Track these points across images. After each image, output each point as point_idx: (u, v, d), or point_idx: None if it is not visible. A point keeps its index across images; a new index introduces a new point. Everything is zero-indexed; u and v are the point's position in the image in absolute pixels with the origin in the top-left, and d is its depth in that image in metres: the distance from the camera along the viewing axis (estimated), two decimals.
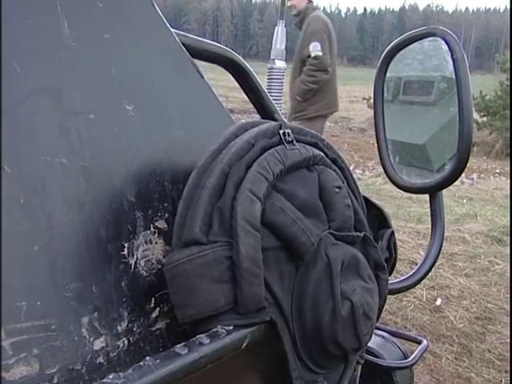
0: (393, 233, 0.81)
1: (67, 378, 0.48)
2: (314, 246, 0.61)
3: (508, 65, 10.75)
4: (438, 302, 3.45)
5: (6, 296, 0.45)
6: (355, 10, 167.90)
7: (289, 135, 0.64)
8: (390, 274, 0.79)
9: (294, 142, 0.65)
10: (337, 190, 0.67)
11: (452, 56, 0.92)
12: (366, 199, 0.80)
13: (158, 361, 0.47)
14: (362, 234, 0.70)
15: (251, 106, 0.98)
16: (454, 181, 0.97)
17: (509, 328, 2.90)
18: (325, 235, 0.64)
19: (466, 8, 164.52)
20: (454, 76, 0.93)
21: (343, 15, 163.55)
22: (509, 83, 10.65)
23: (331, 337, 0.62)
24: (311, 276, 0.62)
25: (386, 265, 0.73)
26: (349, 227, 0.68)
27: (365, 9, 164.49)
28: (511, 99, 9.82)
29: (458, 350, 2.90)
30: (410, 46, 1.05)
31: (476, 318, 3.29)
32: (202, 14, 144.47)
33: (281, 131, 0.64)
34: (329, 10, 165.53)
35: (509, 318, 2.95)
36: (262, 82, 1.02)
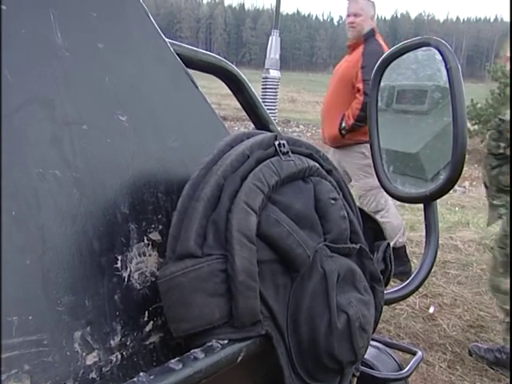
0: (388, 244, 0.80)
1: None
2: (310, 258, 0.60)
3: (499, 74, 10.85)
4: (431, 310, 3.46)
5: None
6: None
7: (284, 146, 0.64)
8: (386, 285, 0.79)
9: (290, 153, 0.64)
10: (332, 201, 0.66)
11: (446, 66, 0.93)
12: (361, 211, 0.80)
13: (151, 377, 0.46)
14: (357, 246, 0.70)
15: (244, 113, 0.98)
16: (449, 190, 0.97)
17: (501, 336, 2.90)
18: (320, 247, 0.63)
19: (457, 17, 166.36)
20: (447, 86, 0.93)
21: (335, 23, 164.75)
22: (499, 92, 10.74)
23: (327, 350, 0.61)
24: (307, 288, 0.61)
25: (381, 277, 0.73)
26: (344, 239, 0.68)
27: None
28: (511, 103, 9.89)
29: (451, 359, 2.90)
30: (404, 56, 1.05)
31: (469, 326, 3.30)
32: (195, 22, 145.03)
33: (276, 142, 0.63)
34: (321, 18, 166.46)
35: (501, 327, 2.95)
36: (256, 89, 1.02)
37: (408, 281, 0.99)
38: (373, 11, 3.63)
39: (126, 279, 0.56)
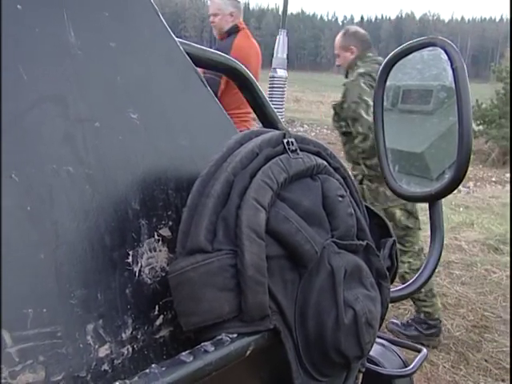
0: (394, 242, 0.81)
1: None
2: (318, 254, 0.61)
3: (504, 74, 10.81)
4: None
5: (13, 303, 0.45)
6: (352, 18, 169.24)
7: (292, 144, 0.65)
8: (392, 282, 0.80)
9: (298, 151, 0.65)
10: (340, 198, 0.67)
11: (452, 66, 0.93)
12: (368, 208, 0.80)
13: (163, 368, 0.47)
14: (364, 243, 0.70)
15: None
16: (454, 190, 0.97)
17: (505, 337, 2.90)
18: (328, 244, 0.64)
19: (462, 17, 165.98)
20: (453, 85, 0.94)
21: (340, 23, 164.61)
22: (504, 92, 10.70)
23: (334, 345, 0.62)
24: (314, 284, 0.62)
25: (387, 273, 0.74)
26: (351, 236, 0.69)
27: (362, 17, 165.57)
28: (511, 104, 9.86)
29: (454, 359, 2.91)
30: (410, 56, 1.06)
31: (473, 326, 3.30)
32: (200, 21, 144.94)
33: (285, 140, 0.64)
34: (326, 18, 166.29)
35: (505, 327, 2.95)
36: (261, 88, 1.02)
37: (412, 279, 1.00)
38: (232, 8, 3.77)
39: (136, 274, 0.57)
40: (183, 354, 0.50)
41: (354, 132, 3.00)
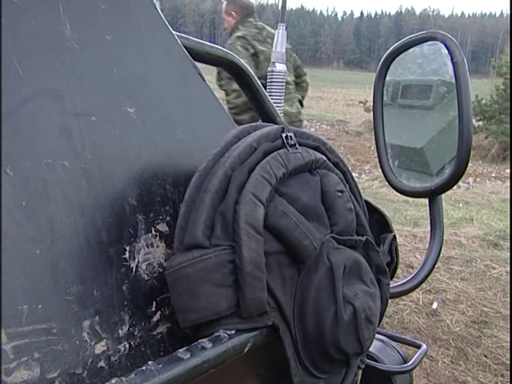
0: (394, 237, 0.81)
1: (68, 383, 0.48)
2: (317, 250, 0.61)
3: (504, 69, 10.79)
4: (435, 305, 3.46)
5: (8, 299, 0.44)
6: (352, 14, 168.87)
7: (291, 139, 0.64)
8: (392, 278, 0.79)
9: (297, 145, 0.64)
10: (339, 193, 0.67)
11: (452, 60, 0.92)
12: (367, 203, 0.80)
13: (160, 365, 0.46)
14: (363, 238, 0.70)
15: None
16: (454, 185, 0.97)
17: (505, 332, 2.90)
18: (327, 239, 0.63)
19: (462, 13, 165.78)
20: (453, 80, 0.93)
21: (340, 18, 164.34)
22: (504, 88, 10.69)
23: (333, 341, 0.61)
24: (313, 280, 0.61)
25: (387, 269, 0.73)
26: (351, 231, 0.68)
27: (361, 12, 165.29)
28: (511, 100, 9.86)
29: (454, 354, 2.90)
30: (410, 50, 1.05)
31: (472, 321, 3.30)
32: (199, 17, 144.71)
33: (283, 134, 0.64)
34: (325, 14, 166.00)
35: (505, 323, 2.95)
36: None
37: (412, 275, 1.00)
38: None
39: (133, 270, 0.56)
40: (180, 350, 0.49)
41: (229, 90, 3.35)
